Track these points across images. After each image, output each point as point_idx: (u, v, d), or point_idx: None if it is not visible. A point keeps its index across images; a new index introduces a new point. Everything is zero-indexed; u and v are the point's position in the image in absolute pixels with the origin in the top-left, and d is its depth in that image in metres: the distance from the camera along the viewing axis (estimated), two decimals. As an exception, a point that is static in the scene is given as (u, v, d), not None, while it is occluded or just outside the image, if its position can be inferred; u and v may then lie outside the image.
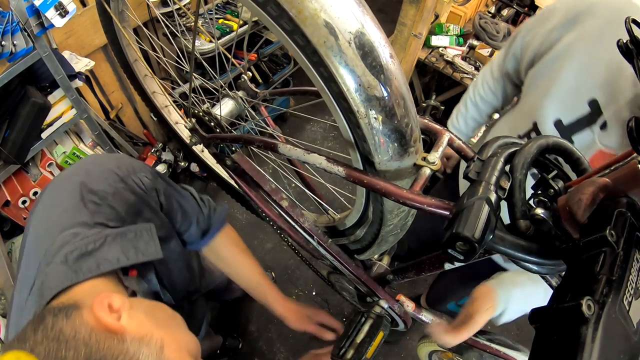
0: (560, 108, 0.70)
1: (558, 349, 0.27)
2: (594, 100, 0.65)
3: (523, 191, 0.42)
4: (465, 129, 1.06)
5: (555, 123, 0.71)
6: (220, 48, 0.73)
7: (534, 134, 0.76)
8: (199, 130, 0.79)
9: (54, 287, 0.47)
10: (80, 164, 0.63)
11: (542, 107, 0.73)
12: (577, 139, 0.69)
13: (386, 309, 0.76)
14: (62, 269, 0.49)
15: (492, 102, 0.99)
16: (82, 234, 0.53)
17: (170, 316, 0.52)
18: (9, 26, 1.05)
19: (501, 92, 0.96)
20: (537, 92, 0.75)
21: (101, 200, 0.57)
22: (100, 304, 0.42)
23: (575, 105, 0.67)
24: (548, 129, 0.72)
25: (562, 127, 0.71)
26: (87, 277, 0.49)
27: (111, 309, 0.43)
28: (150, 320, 0.47)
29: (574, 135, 0.69)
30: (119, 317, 0.43)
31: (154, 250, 0.57)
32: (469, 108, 1.03)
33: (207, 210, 0.82)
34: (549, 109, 0.71)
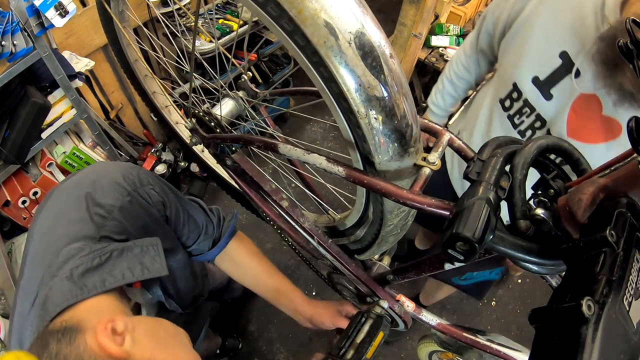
0: (535, 66, 0.77)
1: (558, 349, 0.27)
2: (563, 52, 0.73)
3: (523, 191, 0.42)
4: (443, 104, 1.15)
5: (533, 80, 0.78)
6: (220, 48, 0.73)
7: (515, 94, 0.82)
8: (199, 130, 0.79)
9: (59, 304, 0.47)
10: (86, 173, 0.62)
11: (519, 67, 0.80)
12: (556, 90, 0.76)
13: (386, 309, 0.76)
14: (67, 284, 0.49)
15: (466, 78, 1.07)
16: (87, 248, 0.52)
17: (172, 335, 0.52)
18: (9, 26, 1.05)
19: (474, 68, 1.04)
20: (511, 56, 0.83)
21: (107, 214, 0.57)
22: (104, 329, 0.42)
23: (548, 61, 0.75)
24: (527, 87, 0.79)
25: (539, 83, 0.77)
26: (92, 294, 0.49)
27: (114, 332, 0.43)
28: (153, 341, 0.47)
29: (553, 88, 0.76)
30: (123, 340, 0.43)
31: (159, 267, 0.57)
32: (446, 85, 1.12)
33: (216, 220, 0.81)
34: (525, 68, 0.79)
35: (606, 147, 0.74)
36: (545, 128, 0.81)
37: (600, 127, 0.73)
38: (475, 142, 0.98)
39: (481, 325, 1.85)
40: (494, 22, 0.88)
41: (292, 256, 1.96)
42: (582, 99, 0.73)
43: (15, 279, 1.27)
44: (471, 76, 1.07)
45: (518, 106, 0.83)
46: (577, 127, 0.75)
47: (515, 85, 0.82)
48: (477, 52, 1.00)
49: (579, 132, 0.76)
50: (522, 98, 0.82)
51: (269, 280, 0.87)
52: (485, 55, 0.98)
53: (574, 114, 0.74)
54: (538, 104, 0.80)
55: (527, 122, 0.83)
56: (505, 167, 0.44)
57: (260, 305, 1.81)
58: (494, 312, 1.88)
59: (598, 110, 0.72)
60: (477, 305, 1.89)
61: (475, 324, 1.85)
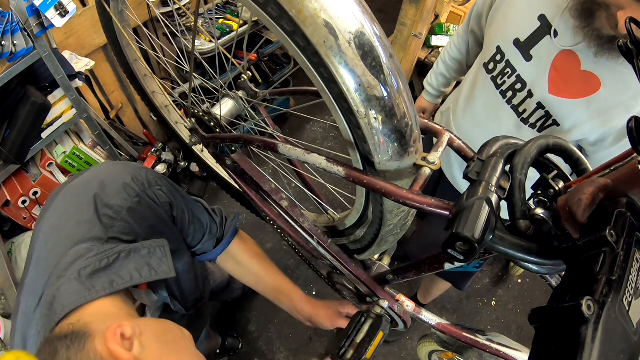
0: (516, 29, 0.84)
1: (558, 349, 0.27)
2: (542, 15, 0.79)
3: (523, 191, 0.42)
4: (436, 83, 1.25)
5: (514, 42, 0.84)
6: (220, 48, 0.73)
7: (498, 56, 0.89)
8: (199, 130, 0.79)
9: (67, 305, 0.47)
10: (95, 173, 0.62)
11: (502, 31, 0.88)
12: (536, 51, 0.82)
13: (386, 308, 0.76)
14: (75, 285, 0.49)
15: (457, 58, 1.16)
16: (95, 249, 0.52)
17: (179, 337, 0.52)
18: (9, 26, 1.05)
19: (465, 48, 1.12)
20: (496, 25, 0.91)
21: (116, 215, 0.57)
22: (114, 335, 0.42)
23: (528, 23, 0.81)
24: (509, 49, 0.85)
25: (520, 44, 0.83)
26: (100, 295, 0.49)
27: (123, 337, 0.43)
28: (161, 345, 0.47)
29: (533, 49, 0.82)
30: (132, 345, 0.43)
31: (166, 268, 0.57)
32: (439, 65, 1.22)
33: (219, 220, 0.82)
34: (507, 32, 0.86)
35: (587, 102, 0.78)
36: (525, 90, 0.86)
37: (580, 83, 0.78)
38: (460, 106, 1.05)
39: (481, 325, 1.85)
40: (484, 1, 0.96)
41: (292, 256, 1.96)
42: (561, 56, 0.78)
43: (15, 279, 1.27)
44: (462, 56, 1.14)
45: (500, 67, 0.89)
46: (559, 83, 0.80)
47: (499, 48, 0.88)
48: (468, 33, 1.08)
49: (560, 89, 0.81)
50: (504, 59, 0.88)
51: (269, 279, 0.88)
52: (475, 36, 1.06)
53: (555, 71, 0.80)
54: (518, 65, 0.85)
55: (508, 82, 0.88)
56: (505, 167, 0.44)
57: (260, 305, 1.81)
58: (494, 312, 1.88)
59: (577, 66, 0.77)
60: (477, 305, 1.89)
61: (475, 324, 1.85)
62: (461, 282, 1.40)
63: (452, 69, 1.19)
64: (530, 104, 0.86)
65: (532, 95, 0.85)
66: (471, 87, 1.01)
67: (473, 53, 1.11)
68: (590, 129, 0.80)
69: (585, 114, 0.79)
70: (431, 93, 1.28)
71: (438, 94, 1.28)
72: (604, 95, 0.76)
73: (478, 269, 1.29)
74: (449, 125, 1.08)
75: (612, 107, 0.76)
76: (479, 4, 0.99)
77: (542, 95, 0.83)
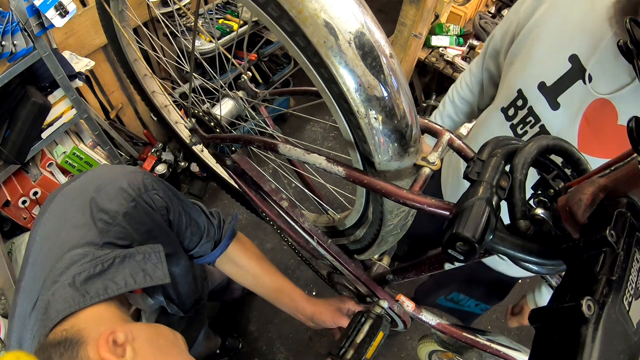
0: (541, 71, 0.71)
1: (558, 349, 0.27)
2: (573, 55, 0.66)
3: (523, 191, 0.42)
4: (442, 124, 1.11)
5: (539, 86, 0.71)
6: (220, 48, 0.73)
7: (520, 101, 0.76)
8: (199, 130, 0.79)
9: (61, 311, 0.47)
10: (91, 177, 0.62)
11: (524, 72, 0.74)
12: (564, 98, 0.69)
13: (386, 309, 0.76)
14: (69, 291, 0.49)
15: (468, 100, 1.00)
16: (90, 254, 0.52)
17: (171, 341, 0.52)
18: (9, 26, 1.05)
19: (478, 87, 0.97)
20: (517, 64, 0.77)
21: (111, 220, 0.57)
22: (106, 342, 0.42)
23: (556, 65, 0.68)
24: (533, 94, 0.72)
25: (546, 90, 0.71)
26: (94, 301, 0.49)
27: (115, 344, 0.43)
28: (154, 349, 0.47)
29: (560, 96, 0.69)
30: (124, 351, 0.43)
31: (161, 274, 0.57)
32: (447, 106, 1.06)
33: (216, 222, 0.82)
34: (531, 74, 0.72)
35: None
36: None
37: (616, 139, 0.65)
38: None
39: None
40: (502, 36, 0.83)
41: (292, 256, 1.96)
42: (595, 106, 0.65)
43: (15, 279, 1.27)
44: (474, 98, 1.00)
45: (522, 114, 0.76)
46: (590, 139, 0.68)
47: (520, 92, 0.75)
48: (483, 71, 0.94)
49: (592, 146, 0.68)
50: (526, 106, 0.75)
51: (269, 280, 0.87)
52: (491, 75, 0.92)
53: (586, 124, 0.67)
54: (543, 114, 0.72)
55: (530, 132, 0.76)
56: (505, 167, 0.44)
57: (260, 305, 1.81)
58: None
59: (613, 119, 0.64)
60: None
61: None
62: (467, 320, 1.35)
63: (462, 111, 1.04)
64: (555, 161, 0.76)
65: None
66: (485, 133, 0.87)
67: (487, 95, 0.96)
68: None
69: None
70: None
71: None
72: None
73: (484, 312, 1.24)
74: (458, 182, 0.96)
75: None
76: (496, 38, 0.86)
77: None
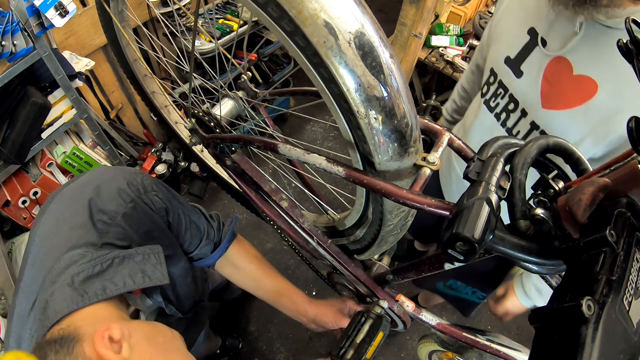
0: (506, 47, 0.82)
1: (558, 349, 0.27)
2: (531, 28, 0.77)
3: (523, 191, 0.42)
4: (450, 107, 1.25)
5: (505, 60, 0.82)
6: (220, 48, 0.73)
7: (492, 78, 0.87)
8: (199, 131, 0.79)
9: (59, 311, 0.47)
10: (90, 178, 0.62)
11: (494, 53, 0.86)
12: (526, 65, 0.79)
13: (386, 309, 0.76)
14: (68, 291, 0.49)
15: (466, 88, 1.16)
16: (89, 255, 0.52)
17: (169, 339, 0.52)
18: (9, 26, 1.05)
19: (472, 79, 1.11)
20: (491, 49, 0.89)
21: (110, 220, 0.57)
22: (101, 338, 0.42)
23: (518, 39, 0.80)
24: (501, 68, 0.83)
25: (511, 62, 0.81)
26: (92, 301, 0.49)
27: (111, 340, 0.43)
28: (151, 346, 0.47)
29: (523, 64, 0.79)
30: (120, 347, 0.43)
31: (160, 275, 0.57)
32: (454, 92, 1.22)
33: (216, 225, 0.82)
34: (499, 52, 0.84)
35: (585, 109, 0.71)
36: (518, 110, 0.82)
37: (574, 88, 0.72)
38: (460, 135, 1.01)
39: (481, 325, 1.84)
40: (485, 31, 0.96)
41: (292, 256, 1.96)
42: (551, 65, 0.74)
43: (15, 279, 1.27)
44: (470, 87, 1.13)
45: (493, 89, 0.87)
46: (552, 95, 0.76)
47: (492, 70, 0.86)
48: (475, 65, 1.06)
49: (553, 100, 0.76)
50: (496, 80, 0.86)
51: (269, 282, 0.87)
52: (480, 69, 1.04)
53: (547, 82, 0.76)
54: (511, 84, 0.82)
55: (501, 104, 0.86)
56: (505, 167, 0.44)
57: (260, 305, 1.80)
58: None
59: (569, 71, 0.72)
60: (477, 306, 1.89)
61: (475, 324, 1.85)
62: (466, 310, 1.39)
63: (462, 97, 1.19)
64: (523, 125, 0.81)
65: (526, 114, 0.80)
66: (469, 114, 1.00)
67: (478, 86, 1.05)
68: (594, 142, 0.72)
69: (584, 124, 0.72)
70: (446, 118, 1.29)
71: (452, 119, 1.27)
72: (603, 98, 0.69)
73: (482, 300, 1.27)
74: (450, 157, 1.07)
75: (614, 111, 0.68)
76: (482, 37, 0.99)
77: (535, 113, 0.78)
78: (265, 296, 0.88)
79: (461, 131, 1.04)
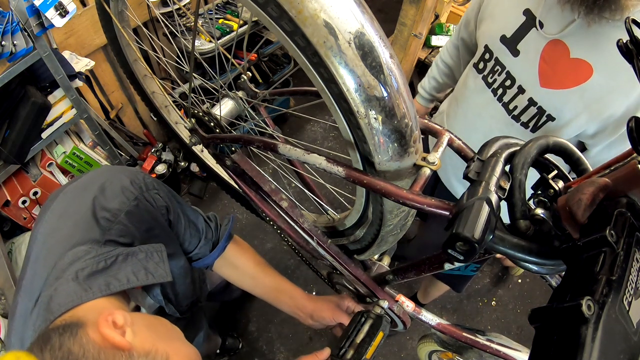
0: (502, 26, 0.85)
1: (558, 349, 0.27)
2: (526, 9, 0.80)
3: (523, 191, 0.42)
4: (428, 86, 1.26)
5: (501, 39, 0.84)
6: (220, 48, 0.73)
7: (487, 55, 0.89)
8: (199, 131, 0.79)
9: (64, 305, 0.48)
10: (93, 177, 0.62)
11: (489, 30, 0.89)
12: (523, 45, 0.81)
13: (386, 309, 0.76)
14: (72, 286, 0.49)
15: (448, 63, 1.17)
16: (93, 251, 0.53)
17: (170, 329, 0.53)
18: (9, 26, 1.05)
19: (455, 52, 1.13)
20: (484, 25, 0.91)
21: (113, 218, 0.57)
22: (105, 321, 0.42)
23: (514, 19, 0.82)
24: (497, 46, 0.86)
25: (507, 40, 0.84)
26: (96, 296, 0.49)
27: (115, 326, 0.43)
28: (153, 334, 0.47)
29: (519, 44, 0.82)
30: (123, 333, 0.43)
31: (163, 273, 0.58)
32: (433, 69, 1.23)
33: (214, 225, 0.82)
34: (494, 30, 0.86)
35: (580, 90, 0.76)
36: (515, 86, 0.85)
37: (571, 71, 0.76)
38: (452, 108, 1.05)
39: (481, 325, 1.85)
40: (472, 6, 0.98)
41: (292, 256, 1.96)
42: (549, 47, 0.78)
43: (15, 279, 1.27)
44: (452, 62, 1.15)
45: (490, 66, 0.89)
46: (549, 75, 0.79)
47: (487, 47, 0.89)
48: (459, 40, 1.08)
49: (551, 80, 0.79)
50: (492, 57, 0.88)
51: (267, 280, 0.88)
52: (465, 43, 1.07)
53: (544, 62, 0.79)
54: (507, 61, 0.85)
55: (498, 80, 0.88)
56: (505, 167, 0.44)
57: (260, 305, 1.80)
58: (494, 312, 1.87)
59: (566, 54, 0.76)
60: (477, 305, 1.89)
61: (475, 324, 1.85)
62: (459, 285, 1.41)
63: (444, 73, 1.20)
64: (521, 100, 0.85)
65: (524, 90, 0.84)
66: (462, 89, 1.01)
67: (463, 61, 1.11)
68: (587, 119, 0.78)
69: (580, 103, 0.78)
70: (423, 96, 1.29)
71: (430, 97, 1.28)
72: (598, 81, 0.74)
73: (475, 272, 1.29)
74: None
75: (607, 92, 0.74)
76: (467, 11, 1.00)
77: (533, 90, 0.82)
78: (264, 294, 0.88)
79: (453, 107, 1.05)
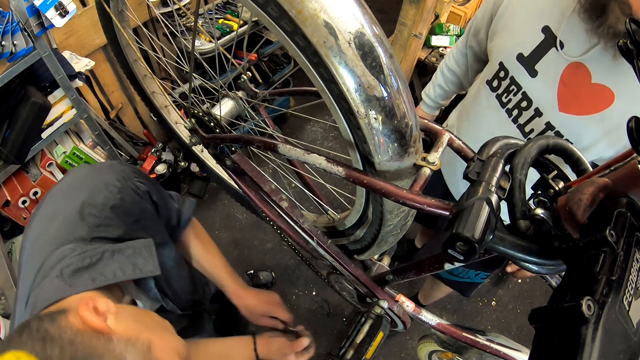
0: (518, 43, 0.79)
1: (558, 349, 0.27)
2: (545, 26, 0.74)
3: (523, 191, 0.42)
4: (433, 94, 1.22)
5: (518, 57, 0.79)
6: (220, 48, 0.73)
7: (502, 73, 0.84)
8: (199, 131, 0.79)
9: (47, 299, 0.48)
10: (74, 177, 0.63)
11: (504, 46, 0.83)
12: (541, 65, 0.76)
13: (386, 309, 0.76)
14: (57, 282, 0.49)
15: (454, 71, 1.12)
16: (78, 249, 0.53)
17: (159, 322, 0.52)
18: (9, 26, 1.05)
19: (463, 60, 1.08)
20: (497, 38, 0.85)
21: (99, 213, 0.57)
22: (86, 305, 0.42)
23: (531, 36, 0.76)
24: (513, 64, 0.81)
25: (524, 60, 0.79)
26: (80, 291, 0.49)
27: (97, 312, 0.43)
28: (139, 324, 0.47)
29: (537, 64, 0.77)
30: (105, 319, 0.43)
31: (152, 267, 0.57)
32: (438, 77, 1.19)
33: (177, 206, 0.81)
34: (509, 47, 0.81)
35: (600, 117, 0.72)
36: (532, 108, 0.81)
37: (592, 97, 0.72)
38: (464, 125, 1.01)
39: (481, 325, 1.84)
40: (482, 15, 0.92)
41: (292, 256, 1.96)
42: (569, 69, 0.73)
43: (15, 279, 1.27)
44: (459, 70, 1.11)
45: (505, 85, 0.84)
46: (569, 99, 0.75)
47: (502, 64, 0.83)
48: (467, 48, 1.04)
49: (571, 105, 0.75)
50: (508, 76, 0.83)
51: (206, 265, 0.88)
52: (474, 52, 1.02)
53: (564, 86, 0.74)
54: (524, 82, 0.80)
55: (514, 100, 0.84)
56: (505, 167, 0.44)
57: (260, 305, 1.80)
58: (494, 312, 1.87)
59: (587, 79, 0.71)
60: (477, 305, 1.89)
61: (475, 324, 1.85)
62: (467, 291, 1.39)
63: (450, 81, 1.15)
64: (538, 124, 0.81)
65: (541, 114, 0.80)
66: (474, 105, 0.96)
67: (472, 69, 1.07)
68: (606, 146, 0.74)
69: (599, 130, 0.74)
70: (428, 104, 1.25)
71: (435, 105, 1.25)
72: (619, 108, 0.70)
73: (484, 279, 1.27)
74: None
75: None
76: (477, 18, 0.95)
77: (551, 114, 0.78)
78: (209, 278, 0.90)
79: (464, 125, 1.01)
